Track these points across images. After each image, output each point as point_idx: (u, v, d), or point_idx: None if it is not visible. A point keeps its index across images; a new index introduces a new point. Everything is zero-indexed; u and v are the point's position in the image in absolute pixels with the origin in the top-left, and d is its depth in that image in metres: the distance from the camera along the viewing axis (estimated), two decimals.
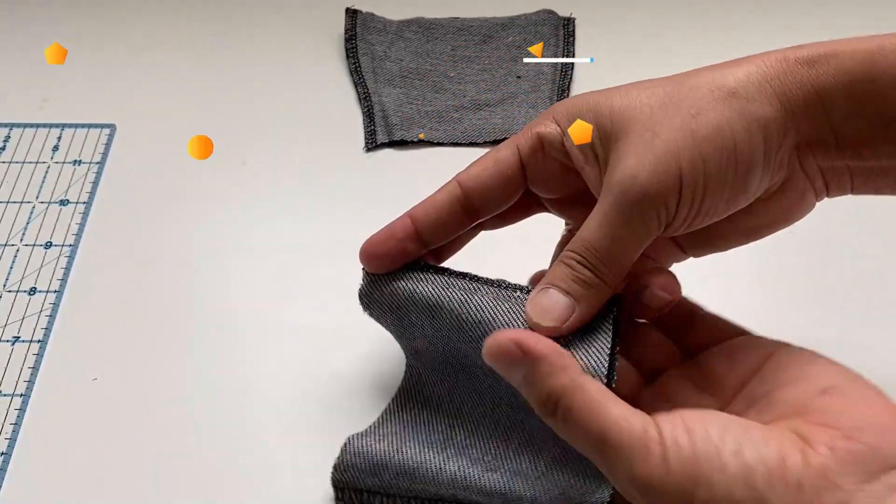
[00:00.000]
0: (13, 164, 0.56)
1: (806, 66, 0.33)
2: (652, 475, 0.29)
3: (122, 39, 0.64)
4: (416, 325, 0.40)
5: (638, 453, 0.29)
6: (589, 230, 0.34)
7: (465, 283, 0.38)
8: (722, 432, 0.30)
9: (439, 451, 0.38)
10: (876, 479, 0.28)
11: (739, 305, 0.47)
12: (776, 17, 0.64)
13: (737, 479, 0.28)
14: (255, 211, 0.53)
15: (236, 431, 0.43)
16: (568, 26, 0.63)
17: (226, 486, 0.41)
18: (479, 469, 0.37)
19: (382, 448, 0.38)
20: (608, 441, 0.30)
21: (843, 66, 0.32)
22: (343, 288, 0.49)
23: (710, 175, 0.33)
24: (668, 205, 0.33)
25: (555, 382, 0.31)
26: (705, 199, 0.33)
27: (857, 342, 0.46)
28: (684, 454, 0.29)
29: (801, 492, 0.28)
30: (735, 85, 0.33)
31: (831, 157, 0.34)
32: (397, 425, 0.40)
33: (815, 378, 0.33)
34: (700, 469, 0.29)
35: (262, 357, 0.46)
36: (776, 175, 0.35)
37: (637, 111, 0.34)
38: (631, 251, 0.35)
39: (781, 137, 0.33)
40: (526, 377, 0.32)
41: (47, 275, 0.50)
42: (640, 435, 0.30)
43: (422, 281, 0.39)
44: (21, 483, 0.41)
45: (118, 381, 0.45)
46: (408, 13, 0.64)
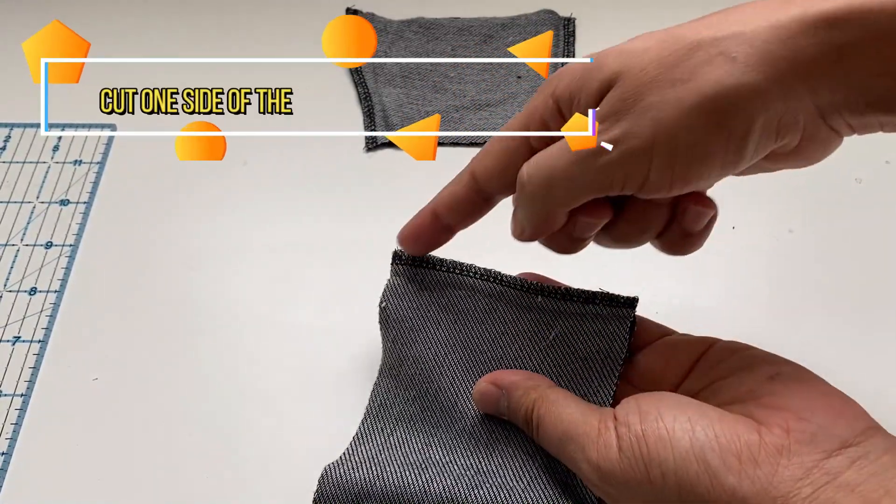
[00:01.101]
0: (13, 164, 0.56)
1: (827, 27, 0.29)
2: (607, 458, 0.31)
3: (123, 39, 0.64)
4: (429, 329, 0.40)
5: (592, 441, 0.32)
6: (551, 152, 0.34)
7: (490, 288, 0.40)
8: (675, 412, 0.31)
9: (421, 473, 0.38)
10: (832, 455, 0.29)
11: (740, 304, 0.48)
12: None
13: (688, 456, 0.29)
14: (255, 211, 0.53)
15: (236, 431, 0.43)
16: (568, 26, 0.63)
17: (225, 486, 0.41)
18: (464, 486, 0.37)
19: (361, 476, 0.38)
20: (569, 435, 0.33)
21: (872, 24, 0.29)
22: (343, 288, 0.49)
23: (692, 146, 0.31)
24: (632, 172, 0.32)
25: (527, 400, 0.36)
26: (690, 168, 0.31)
27: (856, 342, 0.46)
28: (634, 437, 0.31)
29: (756, 466, 0.29)
30: (735, 48, 0.30)
31: (860, 114, 0.31)
32: (372, 449, 0.40)
33: (759, 366, 0.34)
34: (650, 449, 0.30)
35: (262, 357, 0.46)
36: (785, 139, 0.32)
37: (627, 66, 0.32)
38: (588, 187, 0.33)
39: (786, 106, 0.31)
40: (508, 406, 0.37)
41: (48, 275, 0.50)
42: (595, 425, 0.32)
43: (450, 285, 0.41)
44: (21, 483, 0.41)
45: (118, 381, 0.45)
46: (408, 13, 0.65)
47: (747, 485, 0.29)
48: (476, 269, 0.41)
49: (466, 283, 0.41)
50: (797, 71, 0.30)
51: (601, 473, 0.31)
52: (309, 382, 0.45)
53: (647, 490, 0.30)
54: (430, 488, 0.37)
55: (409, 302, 0.41)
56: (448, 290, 0.41)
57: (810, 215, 0.52)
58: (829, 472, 0.29)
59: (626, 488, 0.31)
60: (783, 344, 0.36)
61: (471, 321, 0.40)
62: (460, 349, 0.40)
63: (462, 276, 0.41)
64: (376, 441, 0.40)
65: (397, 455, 0.39)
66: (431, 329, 0.41)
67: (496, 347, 0.40)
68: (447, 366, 0.40)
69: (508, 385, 0.37)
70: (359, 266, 0.49)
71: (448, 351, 0.40)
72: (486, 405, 0.38)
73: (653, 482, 0.30)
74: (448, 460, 0.38)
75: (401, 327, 0.42)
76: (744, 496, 0.29)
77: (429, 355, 0.40)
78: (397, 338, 0.42)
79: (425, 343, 0.40)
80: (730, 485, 0.29)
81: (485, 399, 0.37)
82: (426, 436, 0.39)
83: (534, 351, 0.39)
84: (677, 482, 0.30)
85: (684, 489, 0.29)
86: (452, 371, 0.40)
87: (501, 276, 0.40)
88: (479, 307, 0.40)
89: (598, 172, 0.32)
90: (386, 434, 0.40)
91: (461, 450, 0.38)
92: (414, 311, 0.41)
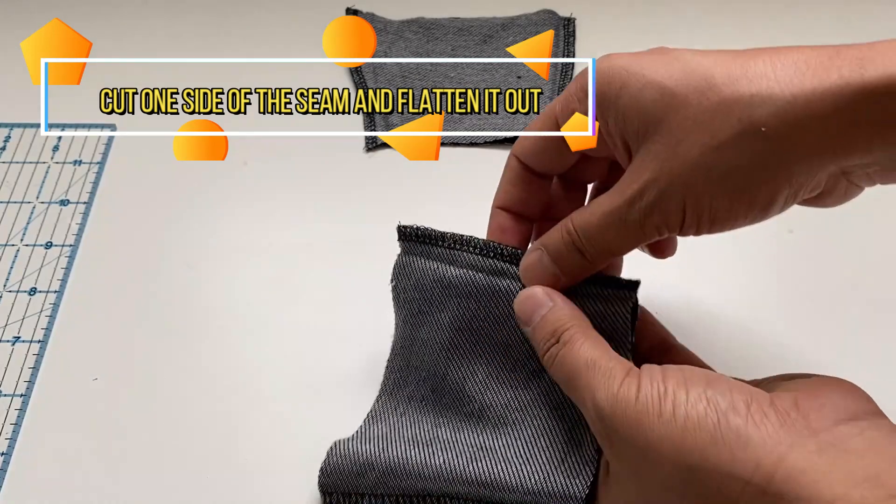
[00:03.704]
0: (13, 164, 0.56)
1: (868, 98, 0.28)
2: (626, 395, 0.32)
3: (123, 39, 0.64)
4: (434, 313, 0.40)
5: (615, 376, 0.32)
6: (594, 214, 0.35)
7: (492, 265, 0.39)
8: (696, 370, 0.32)
9: (423, 448, 0.38)
10: (840, 423, 0.29)
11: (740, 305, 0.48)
12: (778, 16, 0.64)
13: (700, 396, 0.30)
14: (255, 211, 0.53)
15: (236, 431, 0.43)
16: (568, 26, 0.63)
17: (226, 485, 0.41)
18: (464, 460, 0.37)
19: (368, 449, 0.39)
20: (596, 363, 0.33)
21: None
22: (343, 288, 0.49)
23: (717, 210, 0.32)
24: (669, 224, 0.33)
25: (565, 318, 0.35)
26: (714, 226, 0.33)
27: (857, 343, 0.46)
28: (656, 378, 0.32)
29: (764, 417, 0.30)
30: (765, 119, 0.30)
31: (887, 177, 0.32)
32: (383, 427, 0.40)
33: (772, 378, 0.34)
34: (668, 388, 0.31)
35: (262, 357, 0.46)
36: (809, 193, 0.33)
37: (662, 115, 0.32)
38: (625, 248, 0.35)
39: (812, 176, 0.31)
40: (544, 317, 0.36)
41: (47, 275, 0.50)
42: (620, 364, 0.33)
43: (453, 263, 0.40)
44: (21, 483, 0.41)
45: (118, 381, 0.45)
46: (408, 13, 0.65)
47: (752, 428, 0.29)
48: (476, 242, 0.40)
49: (468, 260, 0.40)
50: (830, 144, 0.30)
51: (614, 407, 0.32)
52: (309, 382, 0.45)
53: (655, 426, 0.30)
54: (429, 462, 0.37)
55: (415, 282, 0.41)
56: (451, 269, 0.40)
57: (810, 215, 0.52)
58: (836, 436, 0.29)
59: (635, 426, 0.31)
60: (783, 344, 0.37)
61: (474, 303, 0.39)
62: (465, 333, 0.40)
63: (463, 253, 0.40)
64: (389, 420, 0.40)
65: (407, 433, 0.39)
66: (437, 313, 0.40)
67: (501, 330, 0.39)
68: (453, 350, 0.40)
69: (558, 300, 0.36)
70: (359, 266, 0.49)
71: (453, 335, 0.40)
72: (525, 310, 0.37)
73: (662, 416, 0.30)
74: (455, 439, 0.38)
75: (410, 308, 0.41)
76: (748, 437, 0.29)
77: (435, 339, 0.40)
78: (407, 318, 0.42)
79: (431, 327, 0.40)
80: (735, 424, 0.29)
81: (529, 302, 0.37)
82: (436, 416, 0.40)
83: None
84: (685, 418, 0.30)
85: (690, 423, 0.30)
86: (459, 355, 0.40)
87: (502, 250, 0.39)
88: (481, 287, 0.39)
89: (636, 238, 0.34)
90: (399, 413, 0.41)
91: (468, 431, 0.39)
92: (420, 293, 0.41)
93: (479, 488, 0.37)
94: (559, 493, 0.35)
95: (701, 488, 0.30)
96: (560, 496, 0.35)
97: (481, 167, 0.55)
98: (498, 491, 0.36)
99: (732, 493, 0.29)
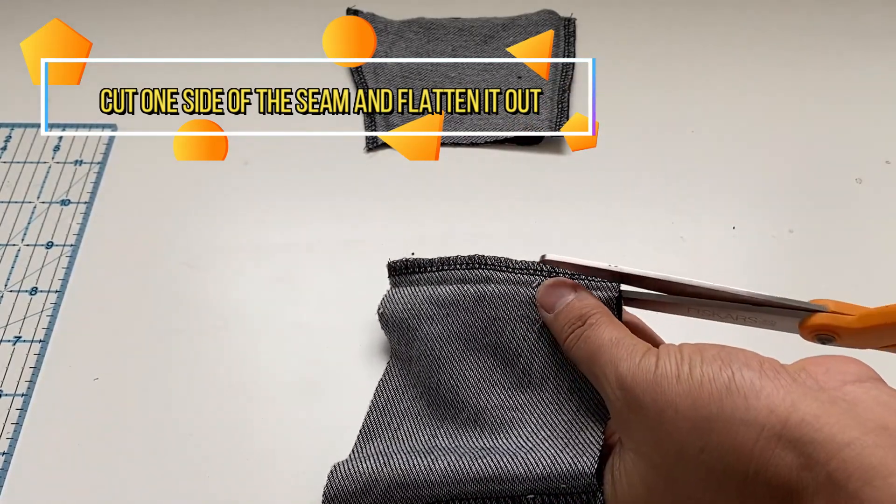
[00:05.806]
0: (14, 164, 0.56)
1: None
2: (646, 365, 0.33)
3: (123, 39, 0.64)
4: (423, 326, 0.41)
5: (639, 351, 0.34)
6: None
7: (477, 274, 0.41)
8: (708, 346, 0.33)
9: (425, 455, 0.38)
10: (846, 384, 0.30)
11: None
12: (776, 16, 0.64)
13: (716, 358, 0.32)
14: (255, 211, 0.53)
15: (237, 431, 0.43)
16: (568, 26, 0.63)
17: (226, 486, 0.41)
18: (467, 460, 0.37)
19: (369, 466, 0.38)
20: (618, 343, 0.35)
21: None
22: (343, 287, 0.49)
23: None
24: None
25: (593, 307, 0.37)
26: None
27: None
28: (674, 351, 0.33)
29: (776, 373, 0.31)
30: None
31: None
32: (379, 444, 0.40)
33: None
34: (684, 355, 0.33)
35: (263, 356, 0.46)
36: None
37: None
38: None
39: None
40: (569, 302, 0.38)
41: (48, 275, 0.50)
42: (642, 345, 0.35)
43: (440, 282, 0.42)
44: (22, 483, 0.41)
45: (119, 381, 0.45)
46: (408, 13, 0.65)
47: (765, 380, 0.31)
48: (461, 258, 0.42)
49: (455, 275, 0.42)
50: None
51: (636, 375, 0.33)
52: (309, 382, 0.45)
53: (673, 386, 0.32)
54: (434, 467, 0.37)
55: (403, 304, 0.42)
56: (439, 287, 0.42)
57: (810, 215, 0.52)
58: (844, 394, 0.30)
59: (654, 389, 0.32)
60: (783, 344, 0.37)
61: (462, 311, 0.41)
62: (455, 340, 0.40)
63: (450, 271, 0.42)
64: (384, 436, 0.40)
65: (405, 447, 0.39)
66: (426, 325, 0.41)
67: (490, 333, 0.40)
68: (444, 359, 0.40)
69: (583, 292, 0.38)
70: (359, 266, 0.49)
71: (444, 344, 0.41)
72: (551, 295, 0.39)
73: (680, 377, 0.32)
74: (455, 445, 0.39)
75: (399, 329, 0.42)
76: (761, 387, 0.30)
77: (426, 351, 0.41)
78: (399, 339, 0.43)
79: (422, 340, 0.41)
80: (749, 377, 0.31)
81: (556, 290, 0.39)
82: (433, 428, 0.40)
83: (528, 332, 0.39)
84: (701, 375, 0.32)
85: (705, 379, 0.31)
86: (450, 363, 0.40)
87: (485, 260, 0.41)
88: (468, 295, 0.41)
89: None
90: (393, 428, 0.41)
91: (467, 436, 0.39)
92: (408, 312, 0.42)
93: (489, 484, 0.37)
94: (569, 473, 0.36)
95: (717, 439, 0.30)
96: (570, 475, 0.36)
97: (481, 167, 0.55)
98: (508, 483, 0.36)
99: (748, 440, 0.30)
